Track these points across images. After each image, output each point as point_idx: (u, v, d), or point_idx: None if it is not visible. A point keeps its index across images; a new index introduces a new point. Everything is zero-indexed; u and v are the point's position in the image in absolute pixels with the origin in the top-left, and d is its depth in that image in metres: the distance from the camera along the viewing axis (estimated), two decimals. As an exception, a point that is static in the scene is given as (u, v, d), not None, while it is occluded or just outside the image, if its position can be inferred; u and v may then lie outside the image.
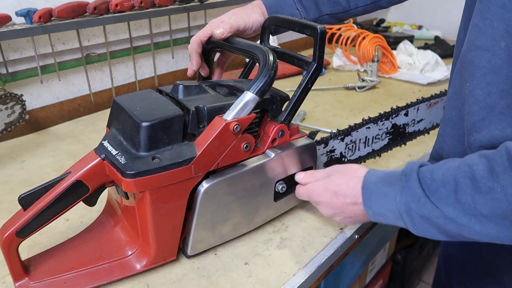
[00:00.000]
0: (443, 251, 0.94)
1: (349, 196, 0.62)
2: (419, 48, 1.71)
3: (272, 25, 0.76)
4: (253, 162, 0.66)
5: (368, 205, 0.60)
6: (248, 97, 0.60)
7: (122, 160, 0.56)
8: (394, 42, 1.76)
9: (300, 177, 0.71)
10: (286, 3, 0.81)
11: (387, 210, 0.57)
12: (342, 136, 0.80)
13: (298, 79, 1.33)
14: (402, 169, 0.58)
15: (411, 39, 1.81)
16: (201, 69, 0.77)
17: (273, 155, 0.67)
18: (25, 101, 0.95)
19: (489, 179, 0.48)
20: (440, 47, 1.77)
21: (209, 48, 0.75)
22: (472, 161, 0.51)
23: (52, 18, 1.04)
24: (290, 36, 1.83)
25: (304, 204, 0.79)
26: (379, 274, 1.42)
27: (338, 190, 0.63)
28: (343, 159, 0.83)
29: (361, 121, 0.83)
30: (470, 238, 0.52)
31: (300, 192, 0.71)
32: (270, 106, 0.68)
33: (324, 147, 0.78)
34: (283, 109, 0.69)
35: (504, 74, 0.56)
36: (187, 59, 1.46)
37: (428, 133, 0.98)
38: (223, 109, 0.62)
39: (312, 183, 0.68)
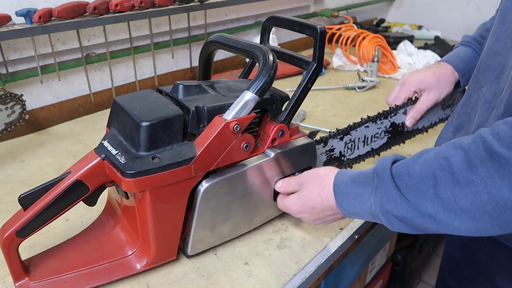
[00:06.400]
0: (445, 252, 0.94)
1: (327, 208, 0.62)
2: (419, 48, 1.71)
3: (272, 25, 0.76)
4: (253, 161, 0.66)
5: (342, 206, 0.59)
6: (248, 96, 0.60)
7: (122, 160, 0.56)
8: (394, 42, 1.76)
9: (278, 185, 0.70)
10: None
11: (362, 210, 0.57)
12: (341, 135, 0.80)
13: (298, 79, 1.33)
14: (373, 167, 0.56)
15: (411, 39, 1.81)
16: None
17: (272, 154, 0.67)
18: (25, 101, 0.95)
19: (468, 171, 0.47)
20: (440, 47, 1.77)
21: (209, 48, 0.75)
22: (448, 153, 0.49)
23: (52, 18, 1.04)
24: (290, 36, 1.83)
25: (304, 204, 0.79)
26: (379, 274, 1.42)
27: (314, 205, 0.63)
28: (343, 158, 0.83)
29: (360, 120, 0.83)
30: (449, 233, 0.51)
31: (281, 207, 0.70)
32: (270, 106, 0.68)
33: (323, 147, 0.78)
34: (283, 109, 0.69)
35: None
36: (187, 59, 1.46)
37: (427, 131, 0.98)
38: (223, 109, 0.62)
39: (287, 199, 0.67)
